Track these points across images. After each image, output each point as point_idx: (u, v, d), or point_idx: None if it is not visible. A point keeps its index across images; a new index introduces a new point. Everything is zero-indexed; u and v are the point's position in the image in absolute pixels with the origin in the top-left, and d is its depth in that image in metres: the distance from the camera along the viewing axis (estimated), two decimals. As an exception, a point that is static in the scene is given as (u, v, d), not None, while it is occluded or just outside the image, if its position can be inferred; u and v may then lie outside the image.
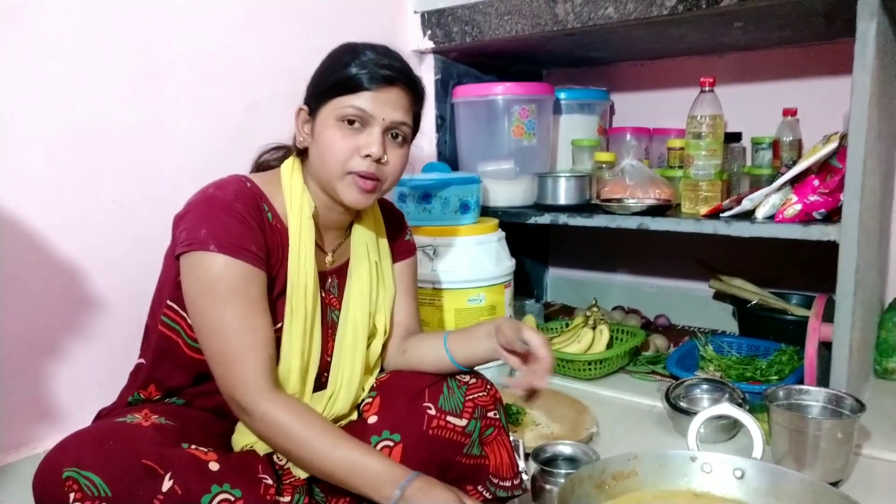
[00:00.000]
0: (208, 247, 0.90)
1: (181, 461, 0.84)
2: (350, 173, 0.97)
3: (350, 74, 0.95)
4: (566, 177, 1.75)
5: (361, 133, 0.96)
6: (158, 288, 1.03)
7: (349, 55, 0.97)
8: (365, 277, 1.08)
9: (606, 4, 1.48)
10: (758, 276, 1.87)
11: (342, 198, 0.99)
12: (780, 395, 1.23)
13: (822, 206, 1.38)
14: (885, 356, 1.63)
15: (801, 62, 1.85)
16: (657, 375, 1.68)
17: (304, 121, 1.01)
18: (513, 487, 1.06)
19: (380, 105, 0.95)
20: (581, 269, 2.36)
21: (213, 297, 0.91)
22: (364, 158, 0.96)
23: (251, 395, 0.90)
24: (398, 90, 0.97)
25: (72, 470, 0.78)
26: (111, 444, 0.82)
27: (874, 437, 1.31)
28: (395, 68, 0.97)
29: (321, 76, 1.00)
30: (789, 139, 1.78)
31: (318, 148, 0.98)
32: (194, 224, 0.93)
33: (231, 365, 0.91)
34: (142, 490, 0.80)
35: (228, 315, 0.90)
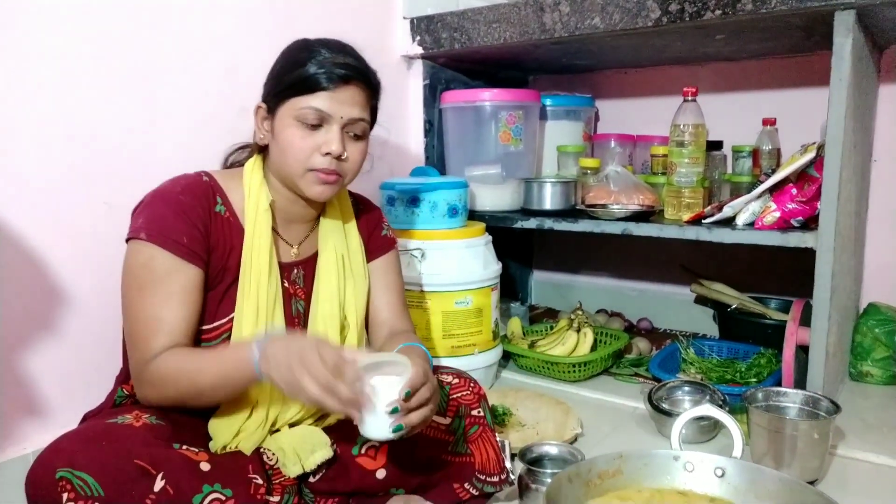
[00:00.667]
0: (139, 235, 0.95)
1: (173, 461, 0.86)
2: (311, 170, 0.99)
3: (307, 74, 0.97)
4: (552, 182, 1.78)
5: (320, 131, 0.98)
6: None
7: (304, 53, 0.99)
8: (333, 269, 1.10)
9: (593, 15, 1.52)
10: (738, 281, 1.91)
11: (305, 192, 1.01)
12: (758, 396, 1.27)
13: (799, 214, 1.43)
14: (859, 359, 1.68)
15: (780, 73, 1.90)
16: (640, 378, 1.72)
17: (262, 118, 1.04)
18: (500, 483, 1.08)
19: (337, 104, 0.98)
20: (565, 273, 2.39)
21: (134, 283, 0.95)
22: (324, 156, 0.99)
23: (141, 366, 0.93)
24: (354, 87, 1.00)
25: (65, 470, 0.79)
26: (104, 444, 0.83)
27: (849, 437, 1.35)
28: (351, 66, 0.99)
29: (278, 75, 1.02)
30: (768, 148, 1.82)
31: (278, 146, 1.00)
32: (137, 215, 0.98)
33: (132, 348, 0.95)
34: (134, 490, 0.81)
35: (141, 302, 0.94)
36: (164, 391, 0.92)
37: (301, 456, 0.99)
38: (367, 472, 1.03)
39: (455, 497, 1.07)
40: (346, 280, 1.11)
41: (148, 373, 0.92)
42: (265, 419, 1.00)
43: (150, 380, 0.92)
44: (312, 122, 0.98)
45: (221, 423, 0.98)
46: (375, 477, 1.03)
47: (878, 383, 1.66)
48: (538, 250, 2.43)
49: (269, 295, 1.01)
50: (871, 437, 1.36)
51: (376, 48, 1.75)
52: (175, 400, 0.93)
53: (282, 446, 0.99)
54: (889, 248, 1.80)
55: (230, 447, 0.98)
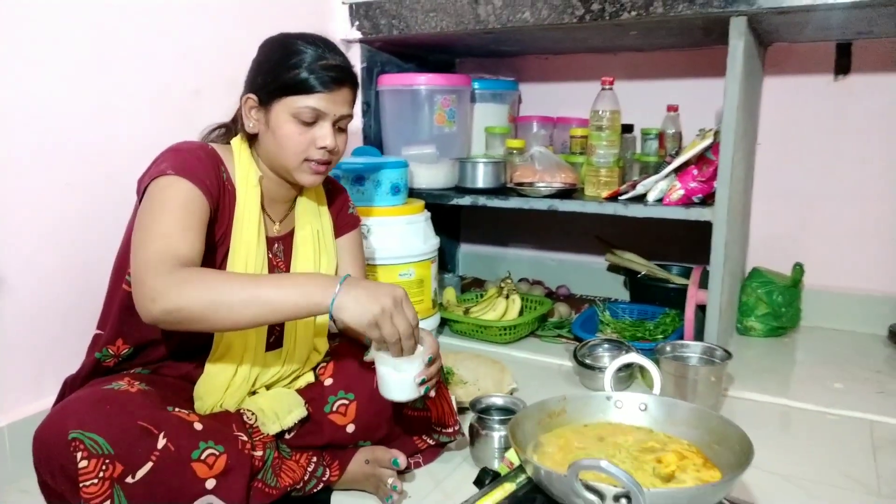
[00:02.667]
0: (166, 172, 1.00)
1: (171, 421, 0.94)
2: (307, 161, 1.09)
3: (304, 77, 1.05)
4: (484, 162, 1.93)
5: (314, 127, 1.08)
6: (120, 255, 1.09)
7: (298, 54, 1.06)
8: (309, 244, 1.20)
9: (524, 9, 1.66)
10: (645, 251, 2.15)
11: (299, 181, 1.11)
12: (667, 349, 1.49)
13: (699, 192, 1.65)
14: (745, 316, 1.96)
15: (682, 64, 2.13)
16: (563, 339, 1.92)
17: (251, 107, 1.10)
18: (453, 433, 1.23)
19: (331, 103, 1.07)
20: (489, 245, 2.56)
21: (158, 207, 0.97)
22: (319, 149, 1.09)
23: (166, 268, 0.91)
24: (345, 88, 1.10)
25: (77, 431, 0.86)
26: (108, 407, 0.91)
27: (736, 381, 1.60)
28: (343, 69, 1.09)
29: (272, 72, 1.07)
30: (672, 131, 2.05)
31: (274, 139, 1.08)
32: (157, 163, 1.02)
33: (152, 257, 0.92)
34: (140, 448, 0.89)
35: (168, 218, 0.96)
36: (192, 292, 0.89)
37: (279, 415, 1.09)
38: (338, 428, 1.15)
39: (414, 447, 1.21)
40: (321, 254, 1.21)
41: (175, 275, 0.90)
42: (247, 377, 1.10)
43: (177, 281, 0.90)
44: (308, 119, 1.07)
45: (210, 383, 1.07)
46: (346, 431, 1.15)
47: (760, 336, 1.95)
48: (465, 225, 2.59)
49: (257, 263, 1.10)
50: (754, 381, 1.62)
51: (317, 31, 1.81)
52: (199, 306, 0.89)
53: (261, 407, 1.10)
54: (769, 220, 2.09)
55: (217, 406, 1.07)
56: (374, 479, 1.12)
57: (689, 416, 0.97)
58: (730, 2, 1.47)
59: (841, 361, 1.75)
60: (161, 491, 0.90)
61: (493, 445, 1.21)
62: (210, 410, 1.08)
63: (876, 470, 1.22)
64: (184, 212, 0.98)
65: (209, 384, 1.08)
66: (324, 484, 1.11)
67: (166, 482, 0.90)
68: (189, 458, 0.93)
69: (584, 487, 0.76)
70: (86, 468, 0.85)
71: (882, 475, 1.20)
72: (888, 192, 1.93)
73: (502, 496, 0.91)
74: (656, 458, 0.91)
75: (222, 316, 0.91)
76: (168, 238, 0.95)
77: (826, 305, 2.01)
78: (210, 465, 0.94)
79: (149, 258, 0.93)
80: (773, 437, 1.36)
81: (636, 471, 0.87)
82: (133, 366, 1.11)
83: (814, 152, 2.00)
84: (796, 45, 1.97)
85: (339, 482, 1.14)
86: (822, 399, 1.51)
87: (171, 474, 0.90)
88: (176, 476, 0.91)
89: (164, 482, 0.90)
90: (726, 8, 1.48)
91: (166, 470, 0.90)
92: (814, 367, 1.73)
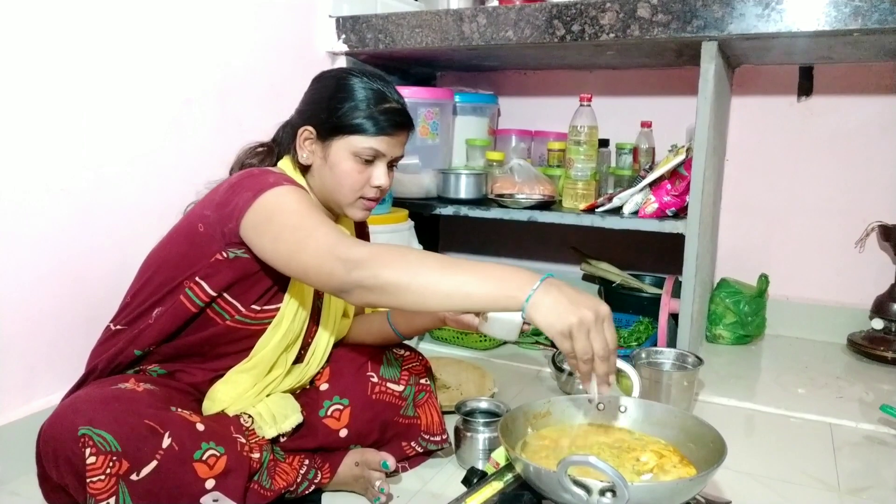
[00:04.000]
0: (281, 183, 1.02)
1: (175, 422, 0.97)
2: (361, 198, 1.13)
3: (369, 119, 1.09)
4: (466, 174, 1.99)
5: (371, 166, 1.12)
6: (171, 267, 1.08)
7: (364, 95, 1.10)
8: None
9: (507, 28, 1.72)
10: (620, 261, 2.22)
11: (349, 215, 1.16)
12: (642, 355, 1.56)
13: (673, 206, 1.73)
14: (713, 324, 2.04)
15: (655, 83, 2.22)
16: (540, 345, 1.98)
17: (307, 139, 1.14)
18: (441, 442, 1.28)
19: (390, 146, 1.12)
20: (468, 254, 2.61)
21: (295, 213, 0.98)
22: (374, 188, 1.13)
23: (350, 247, 0.92)
24: (404, 132, 1.15)
25: (86, 428, 0.89)
26: (116, 405, 0.94)
27: (706, 386, 1.68)
28: (405, 114, 1.14)
29: (336, 109, 1.10)
30: (645, 146, 2.13)
31: (332, 174, 1.12)
32: (259, 181, 1.02)
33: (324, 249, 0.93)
34: (146, 446, 0.92)
35: (314, 216, 0.98)
36: (395, 264, 0.89)
37: (277, 420, 1.12)
38: (331, 432, 1.18)
39: (403, 453, 1.25)
40: None
41: (370, 247, 0.93)
42: (265, 388, 1.14)
43: (376, 252, 0.91)
44: (367, 158, 1.11)
45: (231, 389, 1.11)
46: (339, 435, 1.19)
47: (728, 343, 2.03)
48: (444, 234, 2.64)
49: (307, 294, 1.13)
50: (722, 386, 1.69)
51: (303, 43, 1.86)
52: (401, 280, 0.89)
53: (259, 411, 1.12)
54: (736, 233, 2.18)
55: (226, 411, 1.10)
56: (363, 480, 1.16)
57: (666, 417, 1.03)
58: (701, 27, 1.56)
59: (803, 368, 1.85)
60: (163, 489, 0.93)
61: (479, 447, 1.26)
62: (215, 412, 1.10)
63: (836, 469, 1.30)
64: (317, 213, 0.99)
65: (228, 390, 1.11)
66: (315, 486, 1.14)
67: (169, 481, 0.93)
68: (191, 457, 0.96)
69: (572, 482, 0.82)
70: (93, 464, 0.88)
71: (842, 474, 1.29)
72: (847, 207, 2.04)
73: (491, 494, 0.96)
74: (636, 456, 0.97)
75: (416, 294, 0.89)
76: (329, 224, 0.96)
77: (790, 315, 2.11)
78: (211, 465, 0.97)
79: (330, 239, 0.93)
80: (740, 438, 1.43)
81: (618, 468, 0.92)
82: (149, 363, 1.12)
83: (778, 169, 2.11)
84: (762, 68, 2.07)
85: (330, 484, 1.17)
86: (785, 403, 1.59)
87: (174, 473, 0.93)
88: (178, 475, 0.94)
89: (167, 481, 0.93)
90: (698, 33, 1.56)
91: (169, 469, 0.93)
92: (778, 373, 1.81)
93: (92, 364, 1.11)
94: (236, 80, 1.63)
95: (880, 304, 1.93)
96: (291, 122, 1.19)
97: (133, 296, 1.12)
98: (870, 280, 2.02)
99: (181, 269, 1.07)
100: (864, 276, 2.03)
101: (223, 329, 1.09)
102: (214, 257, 1.05)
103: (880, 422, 1.49)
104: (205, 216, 1.06)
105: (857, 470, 1.31)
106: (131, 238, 1.39)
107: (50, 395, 1.27)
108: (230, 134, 1.59)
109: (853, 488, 1.23)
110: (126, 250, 1.37)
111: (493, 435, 1.25)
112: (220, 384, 1.11)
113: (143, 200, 1.42)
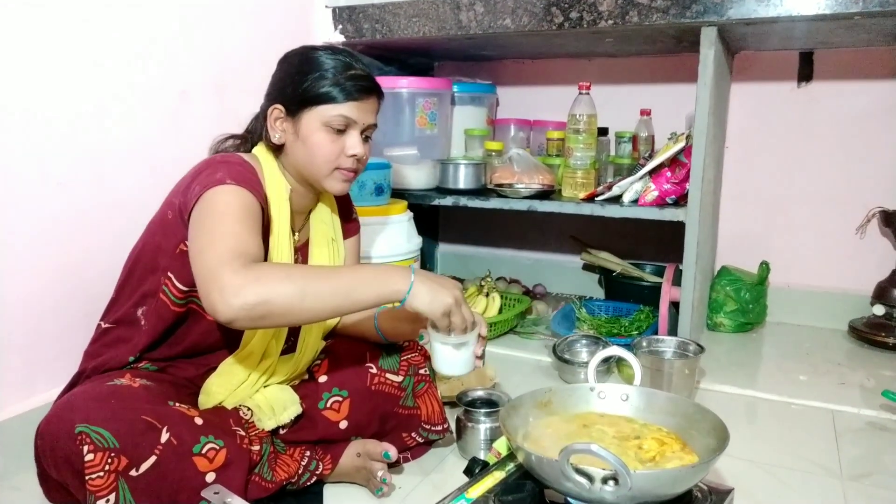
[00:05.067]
0: (225, 181, 1.01)
1: (173, 416, 0.97)
2: (337, 169, 1.12)
3: (336, 86, 1.09)
4: (465, 164, 1.98)
5: (343, 136, 1.12)
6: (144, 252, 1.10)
7: (328, 66, 1.10)
8: (325, 253, 1.24)
9: (504, 16, 1.71)
10: (620, 250, 2.21)
11: (328, 189, 1.14)
12: (643, 344, 1.55)
13: (672, 193, 1.72)
14: (714, 312, 2.04)
15: (654, 70, 2.20)
16: (541, 335, 1.98)
17: (277, 118, 1.13)
18: (442, 431, 1.27)
19: (361, 112, 1.11)
20: (467, 245, 2.61)
21: (221, 212, 0.98)
22: (349, 157, 1.12)
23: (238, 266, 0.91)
24: (373, 98, 1.14)
25: (83, 425, 0.89)
26: (113, 402, 0.93)
27: (707, 374, 1.68)
28: (371, 79, 1.13)
29: (301, 83, 1.10)
30: (645, 135, 2.12)
31: (304, 148, 1.11)
32: (210, 174, 1.03)
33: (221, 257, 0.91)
34: (144, 442, 0.92)
35: (231, 225, 0.97)
36: (276, 285, 0.90)
37: (275, 411, 1.12)
38: (331, 424, 1.18)
39: (403, 444, 1.24)
40: (334, 262, 1.25)
41: (254, 269, 0.91)
42: (259, 378, 1.13)
43: (257, 274, 0.90)
44: (339, 127, 1.10)
45: (225, 382, 1.10)
46: (339, 427, 1.18)
47: (729, 331, 2.03)
48: (443, 225, 2.63)
49: None
50: (724, 374, 1.69)
51: (300, 34, 1.85)
52: (284, 298, 0.90)
53: (258, 403, 1.12)
54: (737, 220, 2.17)
55: (220, 403, 1.10)
56: (365, 471, 1.16)
57: (668, 405, 1.03)
58: (701, 13, 1.54)
59: (805, 355, 1.84)
60: (163, 484, 0.92)
61: (480, 437, 1.26)
62: (211, 406, 1.10)
63: (838, 455, 1.30)
64: (247, 217, 0.99)
65: (223, 383, 1.11)
66: (317, 477, 1.14)
67: (168, 475, 0.93)
68: (190, 452, 0.96)
69: (574, 471, 0.81)
70: (92, 461, 0.87)
71: (844, 460, 1.28)
72: (848, 193, 2.03)
73: (493, 483, 0.95)
74: (638, 444, 0.97)
75: (307, 307, 0.92)
76: (237, 237, 0.95)
77: (791, 302, 2.11)
78: (210, 458, 0.97)
79: (221, 257, 0.92)
80: (742, 426, 1.43)
81: (620, 456, 0.92)
82: (141, 360, 1.12)
83: (778, 155, 2.10)
84: (762, 54, 2.06)
85: (332, 475, 1.17)
86: (787, 390, 1.59)
87: (173, 468, 0.93)
88: (178, 469, 0.94)
89: (167, 475, 0.93)
90: (697, 18, 1.55)
91: (169, 463, 0.93)
92: (779, 360, 1.81)
93: (83, 366, 1.11)
94: (233, 72, 1.62)
95: (881, 290, 1.93)
96: (261, 108, 1.19)
97: (119, 290, 1.12)
98: (871, 266, 2.01)
99: (156, 259, 1.08)
100: (866, 263, 2.03)
101: (210, 324, 1.09)
102: (179, 247, 1.05)
103: (882, 408, 1.49)
104: (172, 203, 1.07)
105: (860, 456, 1.31)
106: (129, 233, 1.36)
107: (51, 391, 1.26)
108: (228, 126, 1.55)
109: (855, 474, 1.23)
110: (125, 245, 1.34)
111: (495, 425, 1.25)
112: (215, 377, 1.11)
113: (141, 194, 1.41)
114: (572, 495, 0.85)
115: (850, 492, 1.17)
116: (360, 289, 0.96)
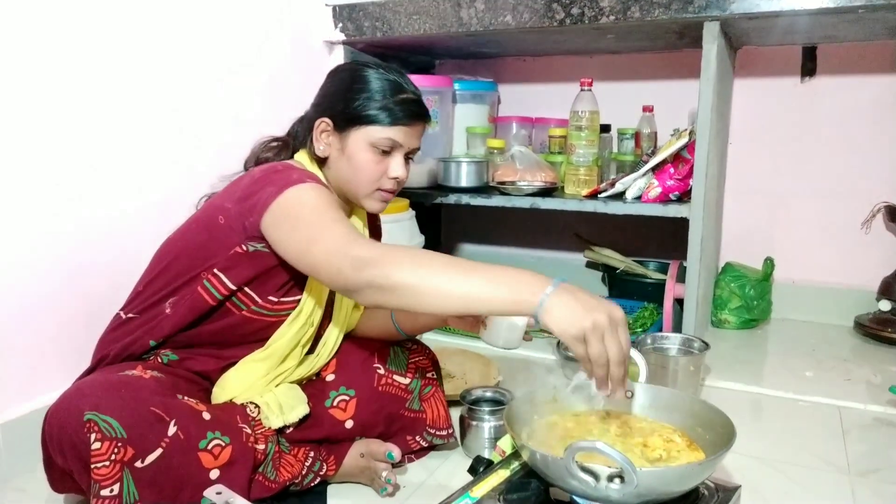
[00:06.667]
0: (304, 180, 1.02)
1: (181, 409, 0.97)
2: (378, 190, 1.13)
3: (386, 109, 1.09)
4: (467, 162, 1.97)
5: (388, 157, 1.12)
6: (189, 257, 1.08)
7: (381, 86, 1.10)
8: None
9: (505, 13, 1.70)
10: (623, 247, 2.20)
11: (366, 207, 1.15)
12: (647, 341, 1.54)
13: (676, 189, 1.71)
14: (719, 309, 2.03)
15: (657, 66, 2.19)
16: (545, 333, 1.96)
17: (323, 131, 1.13)
18: (446, 436, 1.26)
19: (407, 137, 1.12)
20: (470, 243, 2.61)
21: (315, 207, 0.99)
22: (391, 179, 1.12)
23: (360, 245, 0.93)
24: (421, 123, 1.14)
25: (92, 413, 0.88)
26: (123, 392, 0.93)
27: (712, 371, 1.67)
28: (421, 105, 1.14)
29: (352, 101, 1.10)
30: (647, 131, 2.11)
31: (349, 165, 1.11)
32: (283, 176, 1.03)
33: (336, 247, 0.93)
34: (151, 434, 0.92)
35: (331, 213, 0.98)
36: (406, 265, 0.89)
37: (283, 410, 1.11)
38: (337, 422, 1.17)
39: (407, 447, 1.24)
40: None
41: (381, 246, 0.94)
42: (276, 377, 1.13)
43: (387, 251, 0.92)
44: (385, 149, 1.10)
45: (242, 378, 1.10)
46: (344, 427, 1.18)
47: (733, 328, 2.02)
48: (445, 223, 2.62)
49: (325, 288, 1.12)
50: (729, 371, 1.68)
51: (300, 33, 1.84)
52: (412, 281, 0.88)
53: (266, 401, 1.12)
54: (741, 216, 2.16)
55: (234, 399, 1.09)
56: (369, 471, 1.15)
57: (674, 402, 1.02)
58: (703, 7, 1.53)
59: (810, 351, 1.83)
60: (167, 477, 0.92)
61: (484, 435, 1.25)
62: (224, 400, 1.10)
63: (845, 452, 1.29)
64: (339, 209, 1.01)
65: (240, 378, 1.10)
66: (320, 478, 1.14)
67: (173, 469, 0.92)
68: (196, 447, 0.96)
69: (579, 468, 0.81)
70: (98, 450, 0.87)
71: (851, 456, 1.27)
72: (853, 188, 2.02)
73: (498, 482, 0.95)
74: (643, 441, 0.96)
75: (428, 296, 0.89)
76: (345, 222, 0.97)
77: (796, 298, 2.10)
78: (216, 455, 0.97)
79: (343, 237, 0.94)
80: (748, 422, 1.42)
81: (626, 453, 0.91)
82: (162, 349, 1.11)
83: (782, 151, 2.08)
84: (765, 49, 2.05)
85: (335, 476, 1.16)
86: (793, 387, 1.58)
87: (179, 462, 0.93)
88: (183, 464, 0.93)
89: (171, 469, 0.92)
90: (700, 13, 1.54)
91: (174, 457, 0.92)
92: (785, 357, 1.80)
93: (103, 352, 1.11)
94: (233, 70, 1.61)
95: (887, 285, 1.92)
96: (307, 115, 1.19)
97: (147, 284, 1.11)
98: (876, 261, 2.00)
99: (199, 260, 1.07)
100: (871, 258, 2.02)
101: (239, 319, 1.09)
102: (234, 250, 1.04)
103: (889, 403, 1.48)
104: (225, 209, 1.06)
105: (867, 452, 1.30)
106: (129, 232, 1.38)
107: (52, 392, 1.24)
108: (227, 124, 1.58)
109: (863, 470, 1.22)
110: (124, 244, 1.36)
111: (499, 423, 1.24)
112: (232, 372, 1.11)
113: (141, 194, 1.41)
114: (578, 493, 0.85)
115: (858, 488, 1.17)
116: (486, 289, 0.88)
